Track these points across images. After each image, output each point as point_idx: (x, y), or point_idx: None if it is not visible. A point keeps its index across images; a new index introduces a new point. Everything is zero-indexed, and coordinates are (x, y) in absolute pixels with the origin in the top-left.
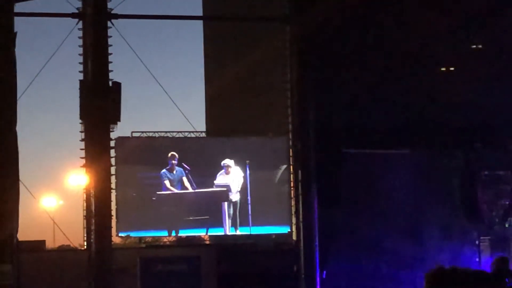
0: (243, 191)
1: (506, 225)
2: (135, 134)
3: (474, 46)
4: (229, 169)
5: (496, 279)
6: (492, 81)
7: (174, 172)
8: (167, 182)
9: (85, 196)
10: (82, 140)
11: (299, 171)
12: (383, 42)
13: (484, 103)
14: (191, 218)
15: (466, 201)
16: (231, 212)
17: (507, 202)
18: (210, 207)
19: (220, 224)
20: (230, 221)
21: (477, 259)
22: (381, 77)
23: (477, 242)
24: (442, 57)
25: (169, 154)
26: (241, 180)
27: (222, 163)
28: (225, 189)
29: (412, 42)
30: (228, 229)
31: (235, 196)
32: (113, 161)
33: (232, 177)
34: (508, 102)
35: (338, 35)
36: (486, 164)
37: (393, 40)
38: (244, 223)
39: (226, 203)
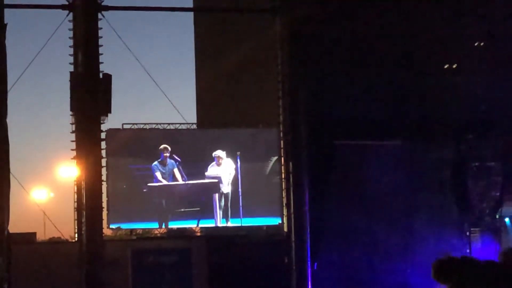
0: (234, 183)
1: (497, 216)
2: (126, 126)
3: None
4: (221, 161)
5: (508, 270)
6: (484, 72)
7: (166, 165)
8: (158, 174)
9: (75, 188)
10: (72, 132)
11: (290, 163)
12: (375, 34)
13: (475, 94)
14: (182, 209)
15: (457, 192)
16: (222, 203)
17: (498, 194)
18: (201, 198)
19: (211, 215)
20: (221, 212)
21: (468, 250)
22: (373, 69)
23: (467, 233)
24: (434, 50)
25: (162, 147)
26: (233, 172)
27: (213, 154)
28: (216, 180)
29: (404, 33)
30: (219, 221)
31: (226, 188)
32: (104, 153)
33: (223, 169)
34: (500, 93)
35: (329, 26)
36: (477, 155)
37: (385, 32)
38: (235, 215)
39: (217, 195)
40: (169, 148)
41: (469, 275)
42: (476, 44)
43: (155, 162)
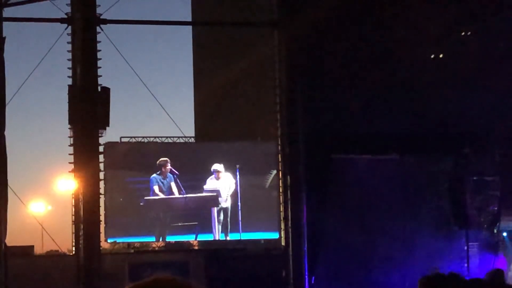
0: (234, 197)
1: (495, 231)
2: (124, 140)
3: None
4: (219, 174)
5: None
6: (481, 87)
7: (166, 178)
8: (156, 188)
9: (73, 201)
10: (70, 145)
11: (288, 176)
12: (373, 47)
13: (472, 108)
14: (180, 223)
15: (455, 206)
16: (221, 218)
17: (496, 208)
18: (199, 212)
19: (209, 230)
20: (220, 226)
21: (466, 265)
22: (370, 83)
23: (465, 247)
24: (431, 63)
25: (162, 160)
26: (232, 186)
27: (212, 168)
28: (214, 194)
29: (401, 47)
30: (217, 235)
31: (225, 202)
32: (102, 166)
33: (222, 183)
34: (497, 107)
35: (327, 40)
36: (475, 169)
37: (383, 45)
38: (234, 229)
39: (215, 209)
40: (169, 162)
41: None
42: (474, 58)
43: (154, 175)
